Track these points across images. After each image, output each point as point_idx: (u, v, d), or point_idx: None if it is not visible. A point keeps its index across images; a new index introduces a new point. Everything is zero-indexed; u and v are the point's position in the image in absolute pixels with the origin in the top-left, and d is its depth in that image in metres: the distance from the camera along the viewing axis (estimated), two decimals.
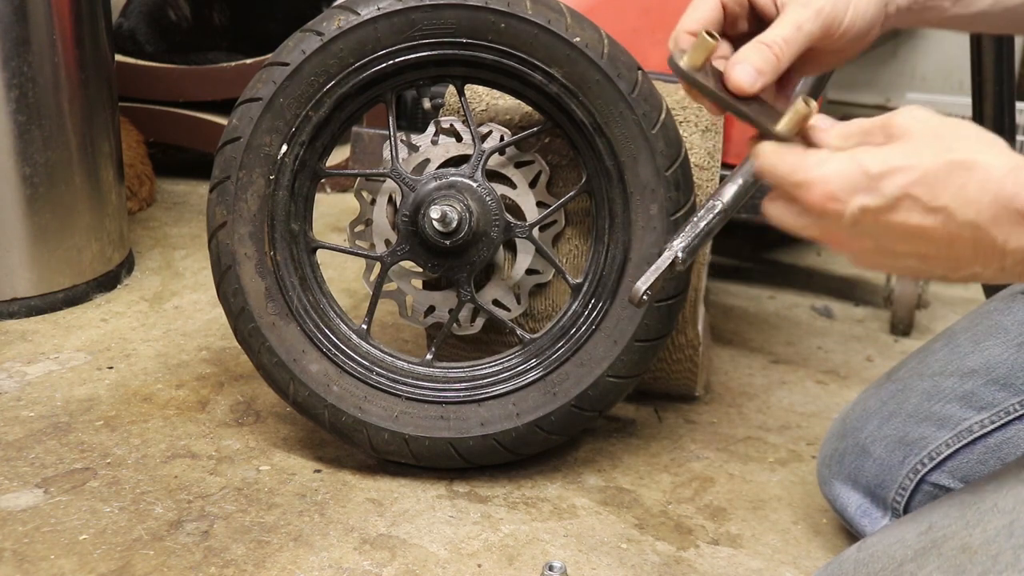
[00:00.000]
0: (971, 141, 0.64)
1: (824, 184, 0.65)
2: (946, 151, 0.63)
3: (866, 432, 1.15)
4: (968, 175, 0.63)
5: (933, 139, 0.64)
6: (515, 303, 1.36)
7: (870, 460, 1.13)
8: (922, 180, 0.63)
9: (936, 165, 0.63)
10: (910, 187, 0.63)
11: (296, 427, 1.44)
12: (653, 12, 1.57)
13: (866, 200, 0.64)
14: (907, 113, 0.67)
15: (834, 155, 0.66)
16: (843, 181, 0.65)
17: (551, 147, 1.36)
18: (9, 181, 1.74)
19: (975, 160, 0.63)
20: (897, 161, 0.63)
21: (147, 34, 2.65)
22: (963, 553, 0.72)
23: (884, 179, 0.64)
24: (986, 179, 0.63)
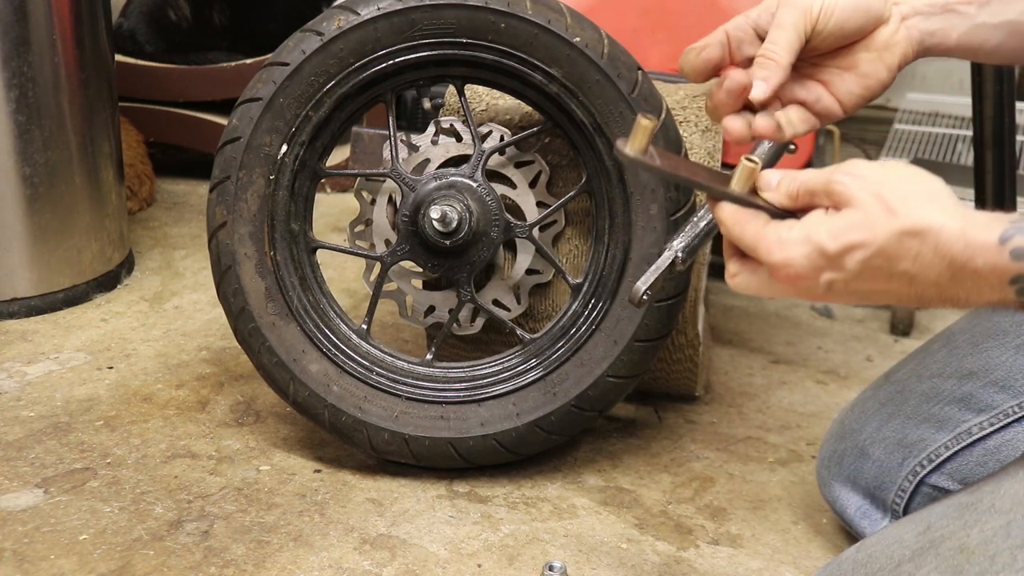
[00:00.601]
0: (915, 199, 0.66)
1: (788, 268, 0.69)
2: (895, 219, 0.66)
3: (865, 434, 1.15)
4: (921, 242, 0.66)
5: (878, 204, 0.66)
6: (515, 303, 1.36)
7: (869, 462, 1.13)
8: (879, 253, 0.67)
9: (889, 237, 0.66)
10: (869, 260, 0.67)
11: (296, 427, 1.44)
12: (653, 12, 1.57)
13: (832, 276, 0.69)
14: (847, 174, 0.69)
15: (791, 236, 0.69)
16: (806, 264, 0.69)
17: (551, 147, 1.36)
18: (9, 181, 1.74)
19: (926, 226, 0.65)
20: (852, 237, 0.67)
21: (147, 34, 2.65)
22: (960, 553, 0.73)
23: (844, 257, 0.67)
24: (938, 244, 0.65)
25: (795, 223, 0.71)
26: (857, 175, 0.69)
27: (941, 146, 2.77)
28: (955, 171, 2.60)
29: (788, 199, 0.72)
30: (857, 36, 0.87)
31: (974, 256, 0.65)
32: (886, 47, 0.87)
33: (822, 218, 0.69)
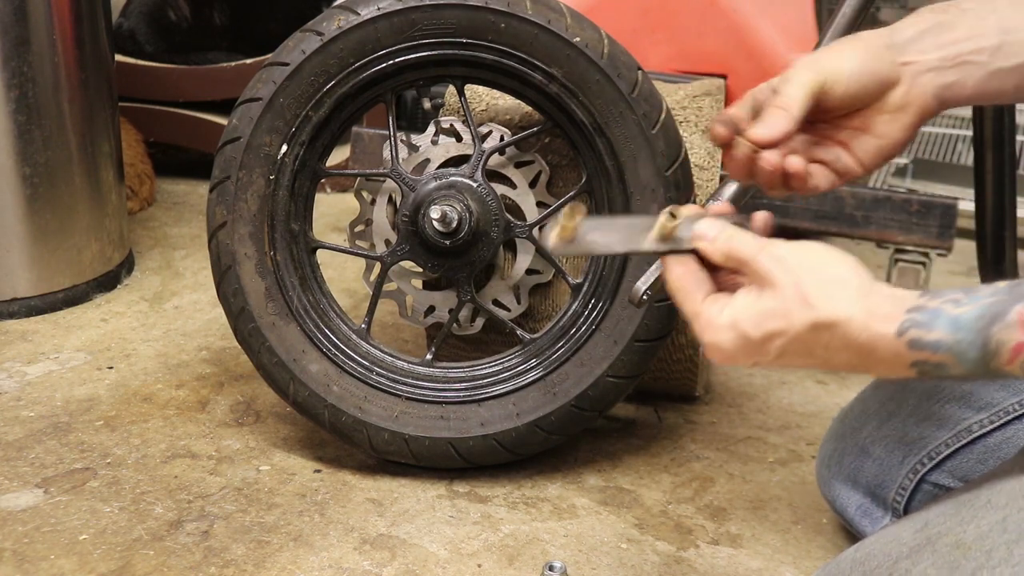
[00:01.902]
0: (828, 288, 0.73)
1: (718, 350, 0.78)
2: (809, 310, 0.73)
3: (865, 432, 1.15)
4: (831, 334, 0.73)
5: (795, 293, 0.74)
6: (515, 303, 1.36)
7: (870, 460, 1.13)
8: (795, 340, 0.74)
9: (803, 328, 0.73)
10: (787, 346, 0.74)
11: (296, 427, 1.44)
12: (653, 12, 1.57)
13: (756, 358, 0.77)
14: (771, 257, 0.76)
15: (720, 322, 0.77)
16: (732, 349, 0.77)
17: (551, 147, 1.36)
18: (9, 181, 1.74)
19: (834, 319, 0.72)
20: (771, 326, 0.74)
21: (147, 34, 2.65)
22: (957, 549, 0.73)
23: (765, 343, 0.75)
24: (845, 336, 0.72)
25: (725, 304, 0.77)
26: (780, 259, 0.75)
27: (941, 146, 2.77)
28: (955, 171, 2.60)
29: (720, 257, 0.79)
30: (868, 100, 0.89)
31: (877, 347, 0.72)
32: (900, 108, 0.89)
33: (746, 303, 0.76)
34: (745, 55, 1.54)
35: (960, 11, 0.88)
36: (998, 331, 0.68)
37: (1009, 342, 0.68)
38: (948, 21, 0.87)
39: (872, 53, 0.87)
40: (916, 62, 0.88)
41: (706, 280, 0.80)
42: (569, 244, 0.82)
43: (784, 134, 0.87)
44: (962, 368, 0.71)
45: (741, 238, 0.78)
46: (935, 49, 0.87)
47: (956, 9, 0.88)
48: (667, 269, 0.82)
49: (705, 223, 0.80)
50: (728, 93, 1.52)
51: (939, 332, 0.70)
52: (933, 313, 0.71)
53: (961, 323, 0.70)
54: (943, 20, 0.88)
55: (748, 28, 1.55)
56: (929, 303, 0.72)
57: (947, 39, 0.87)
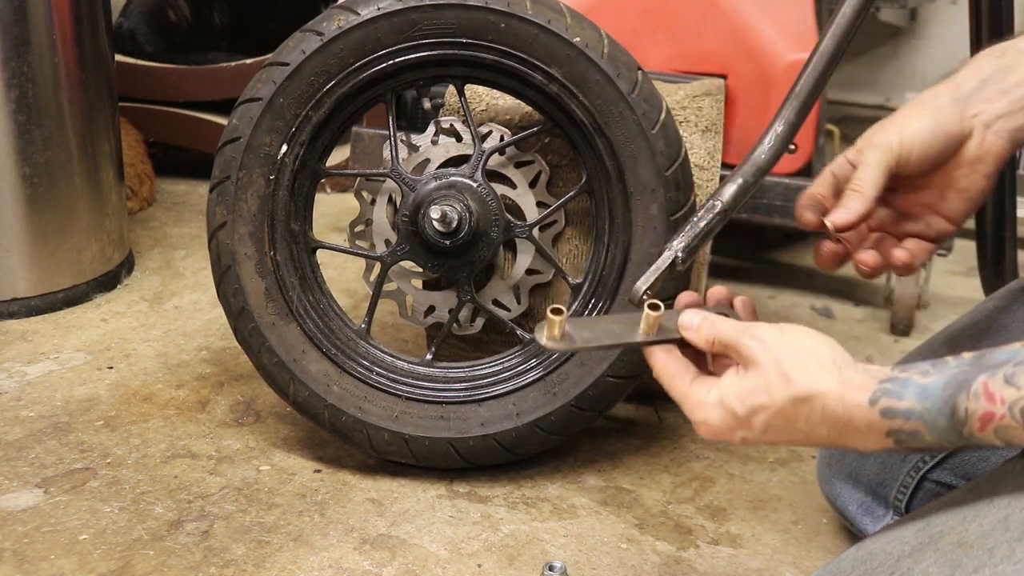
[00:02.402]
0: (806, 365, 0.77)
1: (707, 427, 0.82)
2: (789, 386, 0.77)
3: None
4: (810, 406, 0.76)
5: (776, 370, 0.78)
6: (515, 303, 1.36)
7: (871, 459, 1.13)
8: (778, 415, 0.78)
9: (784, 402, 0.77)
10: (771, 421, 0.78)
11: (296, 427, 1.44)
12: (653, 12, 1.57)
13: (743, 434, 0.81)
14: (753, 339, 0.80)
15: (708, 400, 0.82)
16: (720, 425, 0.81)
17: (551, 147, 1.36)
18: (9, 181, 1.74)
19: (812, 392, 0.76)
20: (755, 401, 0.78)
21: (147, 34, 2.64)
22: (959, 547, 0.73)
23: (750, 418, 0.79)
24: (823, 408, 0.76)
25: (712, 384, 0.82)
26: (761, 340, 0.80)
27: None
28: None
29: (706, 344, 0.84)
30: (944, 158, 0.91)
31: (852, 417, 0.75)
32: (978, 159, 0.91)
33: (733, 381, 0.81)
34: (745, 55, 1.54)
35: (1017, 52, 0.89)
36: (964, 400, 0.70)
37: (977, 411, 0.70)
38: (1008, 64, 0.89)
39: (940, 114, 0.89)
40: (984, 111, 0.89)
41: (691, 365, 0.85)
42: (560, 341, 0.86)
43: (860, 217, 0.90)
44: (935, 436, 0.73)
45: (723, 324, 0.83)
46: (1000, 96, 0.89)
47: (1013, 51, 0.90)
48: (654, 357, 0.86)
49: (688, 314, 0.86)
50: (728, 93, 1.52)
51: (909, 401, 0.73)
52: (903, 383, 0.74)
53: (928, 392, 0.73)
54: (1003, 64, 0.89)
55: (748, 28, 1.55)
56: (900, 374, 0.75)
57: (1011, 82, 0.88)
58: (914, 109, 0.91)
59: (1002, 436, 0.70)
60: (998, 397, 0.69)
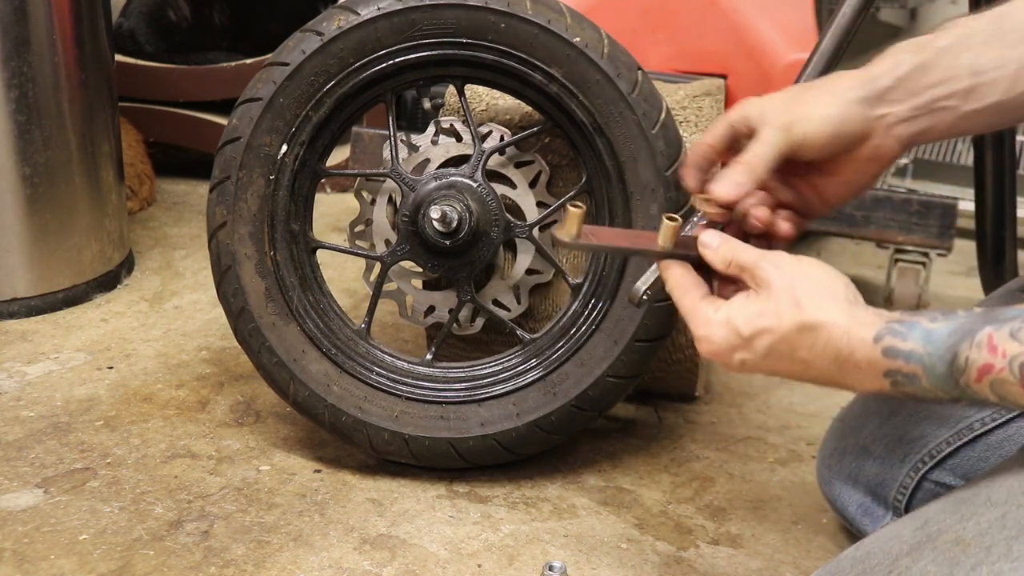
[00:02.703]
0: (818, 296, 0.78)
1: (708, 343, 0.83)
2: (798, 311, 0.78)
3: (866, 431, 1.15)
4: (815, 335, 0.77)
5: (788, 296, 0.79)
6: (515, 303, 1.36)
7: (871, 459, 1.13)
8: (782, 340, 0.79)
9: (791, 328, 0.78)
10: (775, 345, 0.79)
11: (296, 427, 1.44)
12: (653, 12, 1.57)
13: (743, 355, 0.81)
14: (770, 263, 0.81)
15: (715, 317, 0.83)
16: (723, 343, 0.82)
17: (551, 147, 1.36)
18: (9, 181, 1.74)
19: (820, 321, 0.77)
20: (762, 323, 0.79)
21: (147, 34, 2.64)
22: (957, 546, 0.74)
23: (754, 340, 0.80)
24: (828, 339, 0.77)
25: (721, 304, 0.83)
26: (778, 266, 0.81)
27: (941, 146, 2.76)
28: (955, 171, 2.60)
29: (722, 264, 0.85)
30: (840, 153, 0.91)
31: (855, 351, 0.76)
32: (872, 159, 0.91)
33: (742, 303, 0.81)
34: (745, 55, 1.54)
35: (936, 50, 0.88)
36: (966, 349, 0.71)
37: (977, 361, 0.71)
38: (924, 63, 0.88)
39: (848, 111, 0.89)
40: (889, 114, 0.89)
41: (703, 283, 0.86)
42: (576, 239, 0.85)
43: (745, 194, 0.90)
44: (931, 382, 0.73)
45: (743, 247, 0.84)
46: (908, 97, 0.88)
47: (933, 48, 0.88)
48: (667, 270, 0.87)
49: (709, 233, 0.86)
50: (728, 93, 1.52)
51: (913, 343, 0.74)
52: (910, 325, 0.74)
53: (933, 336, 0.73)
54: (919, 62, 0.88)
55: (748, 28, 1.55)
56: (908, 317, 0.75)
57: (922, 84, 0.87)
58: (822, 96, 0.90)
59: (996, 391, 0.71)
60: (1000, 350, 0.70)
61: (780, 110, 0.90)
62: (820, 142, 0.89)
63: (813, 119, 0.89)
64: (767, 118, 0.90)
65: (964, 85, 0.87)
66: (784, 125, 0.89)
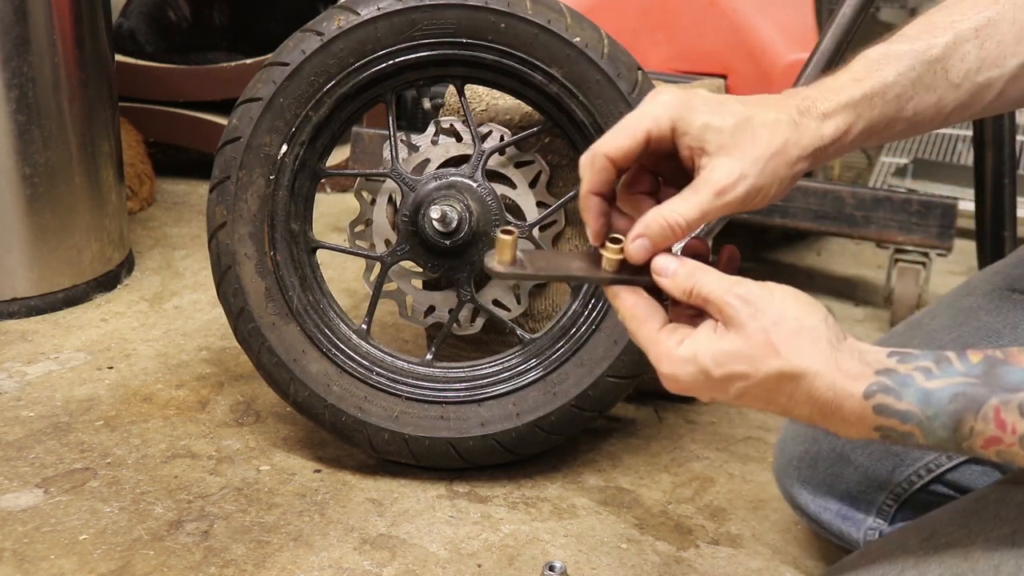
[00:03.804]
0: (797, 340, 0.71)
1: (675, 382, 0.74)
2: (776, 359, 0.70)
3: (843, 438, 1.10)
4: (795, 386, 0.71)
5: (763, 340, 0.71)
6: (515, 303, 1.36)
7: (851, 468, 1.09)
8: (759, 386, 0.71)
9: (768, 376, 0.71)
10: (749, 389, 0.72)
11: (296, 427, 1.44)
12: (653, 12, 1.57)
13: (715, 395, 0.74)
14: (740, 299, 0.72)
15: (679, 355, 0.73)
16: (690, 382, 0.73)
17: (551, 147, 1.36)
18: (9, 181, 1.74)
19: (801, 371, 0.70)
20: (734, 368, 0.71)
21: (147, 34, 2.64)
22: (965, 561, 0.72)
23: (726, 383, 0.72)
24: (810, 390, 0.70)
25: (684, 336, 0.73)
26: (749, 302, 0.71)
27: (941, 146, 2.77)
28: (955, 171, 2.60)
29: (681, 294, 0.74)
30: None
31: (842, 405, 0.70)
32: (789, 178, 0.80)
33: (709, 338, 0.72)
34: (745, 55, 1.54)
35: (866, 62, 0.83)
36: (971, 419, 0.67)
37: (984, 433, 0.67)
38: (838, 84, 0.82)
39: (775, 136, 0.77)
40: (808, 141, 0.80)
41: (660, 310, 0.76)
42: (511, 267, 0.76)
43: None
44: (929, 441, 0.70)
45: (706, 276, 0.73)
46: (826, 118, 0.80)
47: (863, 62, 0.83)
48: (619, 299, 0.76)
49: (664, 258, 0.75)
50: (728, 93, 1.52)
51: (908, 403, 0.69)
52: (903, 380, 0.69)
53: (933, 400, 0.68)
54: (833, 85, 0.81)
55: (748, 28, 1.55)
56: (899, 367, 0.70)
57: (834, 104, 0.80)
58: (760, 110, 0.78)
59: (1003, 457, 0.68)
60: (1009, 426, 0.67)
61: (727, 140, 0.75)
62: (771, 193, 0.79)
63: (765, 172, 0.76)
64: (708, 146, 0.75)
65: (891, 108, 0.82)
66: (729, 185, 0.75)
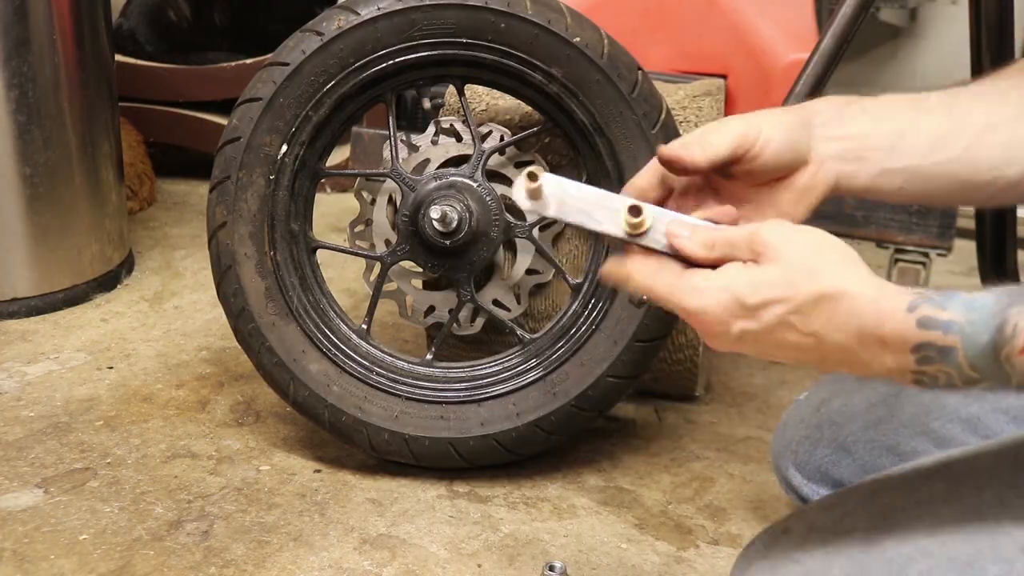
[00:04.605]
0: (836, 265, 0.69)
1: (703, 315, 0.70)
2: (815, 280, 0.68)
3: (848, 430, 1.09)
4: (836, 305, 0.68)
5: (801, 264, 0.69)
6: (515, 303, 1.36)
7: (849, 459, 1.09)
8: (796, 310, 0.69)
9: (808, 296, 0.68)
10: (785, 316, 0.69)
11: (296, 427, 1.44)
12: (653, 12, 1.57)
13: (746, 325, 0.70)
14: (773, 230, 0.70)
15: (708, 284, 0.70)
16: (721, 312, 0.70)
17: (551, 147, 1.36)
18: (9, 181, 1.74)
19: (843, 291, 0.68)
20: (772, 293, 0.69)
21: (147, 34, 2.65)
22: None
23: (761, 310, 0.69)
24: (851, 309, 0.68)
25: (711, 272, 0.71)
26: (783, 234, 0.70)
27: None
28: None
29: (703, 248, 0.73)
30: (783, 173, 0.84)
31: (883, 323, 0.67)
32: (807, 189, 0.85)
33: (741, 269, 0.70)
34: (745, 55, 1.54)
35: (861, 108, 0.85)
36: (1015, 315, 0.65)
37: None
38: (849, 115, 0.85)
39: (795, 129, 0.83)
40: (823, 147, 0.84)
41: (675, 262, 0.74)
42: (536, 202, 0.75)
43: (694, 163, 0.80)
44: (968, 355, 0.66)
45: (726, 228, 0.73)
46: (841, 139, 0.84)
47: (858, 106, 0.85)
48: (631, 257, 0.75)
49: (675, 223, 0.75)
50: (728, 93, 1.52)
51: (952, 312, 0.66)
52: (946, 295, 0.67)
53: (976, 304, 0.66)
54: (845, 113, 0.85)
55: (748, 28, 1.55)
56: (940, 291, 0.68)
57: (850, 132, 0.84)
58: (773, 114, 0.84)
59: None
60: None
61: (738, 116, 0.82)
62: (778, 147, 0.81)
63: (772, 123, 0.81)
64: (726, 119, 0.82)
65: (886, 142, 0.84)
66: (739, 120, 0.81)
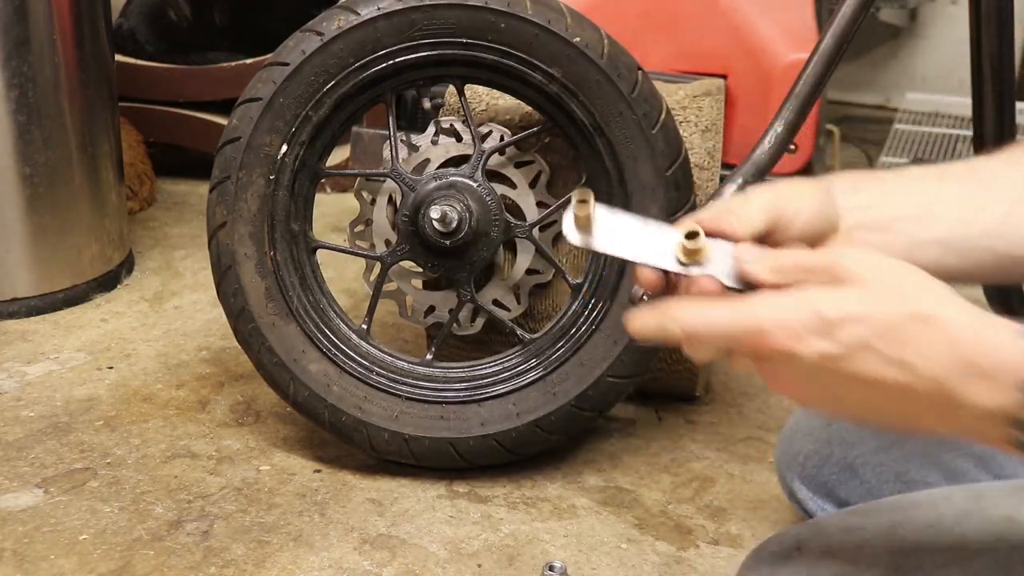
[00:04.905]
0: (930, 292, 0.62)
1: (781, 328, 0.61)
2: (904, 302, 0.61)
3: (857, 451, 1.06)
4: (929, 329, 0.60)
5: (888, 288, 0.61)
6: (515, 303, 1.36)
7: (857, 481, 1.06)
8: (883, 333, 0.60)
9: (896, 318, 0.60)
10: (871, 339, 0.60)
11: (296, 427, 1.44)
12: (653, 12, 1.57)
13: (825, 346, 0.60)
14: (855, 257, 0.63)
15: (781, 296, 0.62)
16: (800, 325, 0.61)
17: (551, 147, 1.36)
18: (9, 181, 1.74)
19: (935, 314, 0.60)
20: (854, 309, 0.60)
21: (147, 34, 2.64)
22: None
23: (842, 328, 0.60)
24: (946, 334, 0.60)
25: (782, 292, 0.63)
26: (868, 259, 0.63)
27: (941, 146, 2.77)
28: None
29: (773, 274, 0.64)
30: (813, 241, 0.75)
31: (984, 351, 0.59)
32: None
33: (820, 288, 0.62)
34: (745, 55, 1.54)
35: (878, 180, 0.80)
36: None
37: None
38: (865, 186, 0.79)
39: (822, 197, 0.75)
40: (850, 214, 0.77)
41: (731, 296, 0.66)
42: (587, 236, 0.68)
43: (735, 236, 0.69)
44: None
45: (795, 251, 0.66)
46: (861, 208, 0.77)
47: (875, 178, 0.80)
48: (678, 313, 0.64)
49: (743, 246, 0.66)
50: (728, 93, 1.52)
51: None
52: None
53: None
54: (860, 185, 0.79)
55: (748, 28, 1.55)
56: None
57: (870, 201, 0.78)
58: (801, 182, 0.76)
59: None
60: None
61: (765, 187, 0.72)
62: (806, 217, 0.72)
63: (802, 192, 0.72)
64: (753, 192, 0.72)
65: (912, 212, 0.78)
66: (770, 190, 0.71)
